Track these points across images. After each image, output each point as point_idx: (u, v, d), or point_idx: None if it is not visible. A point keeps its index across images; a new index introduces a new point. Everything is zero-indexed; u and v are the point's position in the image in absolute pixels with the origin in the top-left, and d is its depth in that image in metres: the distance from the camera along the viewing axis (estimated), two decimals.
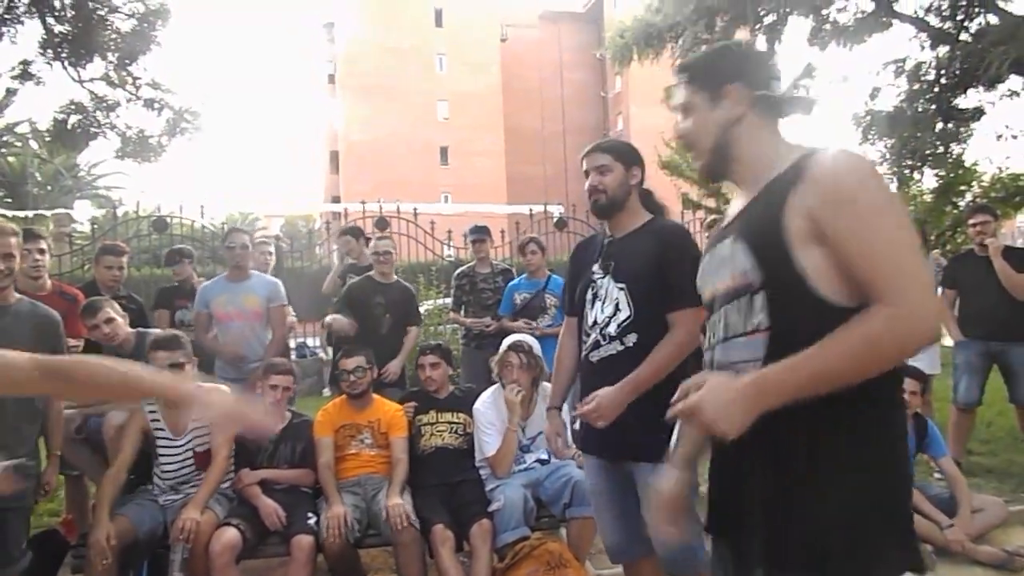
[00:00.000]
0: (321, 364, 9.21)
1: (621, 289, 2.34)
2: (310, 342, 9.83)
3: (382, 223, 9.40)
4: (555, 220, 11.80)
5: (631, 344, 2.30)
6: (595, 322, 2.39)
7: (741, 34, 9.27)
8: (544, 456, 3.52)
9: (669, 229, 2.43)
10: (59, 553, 3.30)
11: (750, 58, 1.52)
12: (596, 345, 2.38)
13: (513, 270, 5.40)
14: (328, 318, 4.50)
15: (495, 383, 3.76)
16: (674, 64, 9.38)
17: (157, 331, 3.96)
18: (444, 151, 37.16)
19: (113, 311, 3.67)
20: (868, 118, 8.28)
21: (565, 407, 2.69)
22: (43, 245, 3.87)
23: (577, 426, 2.56)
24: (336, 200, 31.03)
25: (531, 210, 12.14)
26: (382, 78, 35.13)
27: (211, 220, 12.07)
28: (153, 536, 3.11)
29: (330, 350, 9.01)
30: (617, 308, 2.34)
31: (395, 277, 4.71)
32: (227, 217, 28.97)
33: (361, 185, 29.51)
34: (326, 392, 9.22)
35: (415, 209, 10.72)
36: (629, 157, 2.45)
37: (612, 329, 2.34)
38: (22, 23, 7.39)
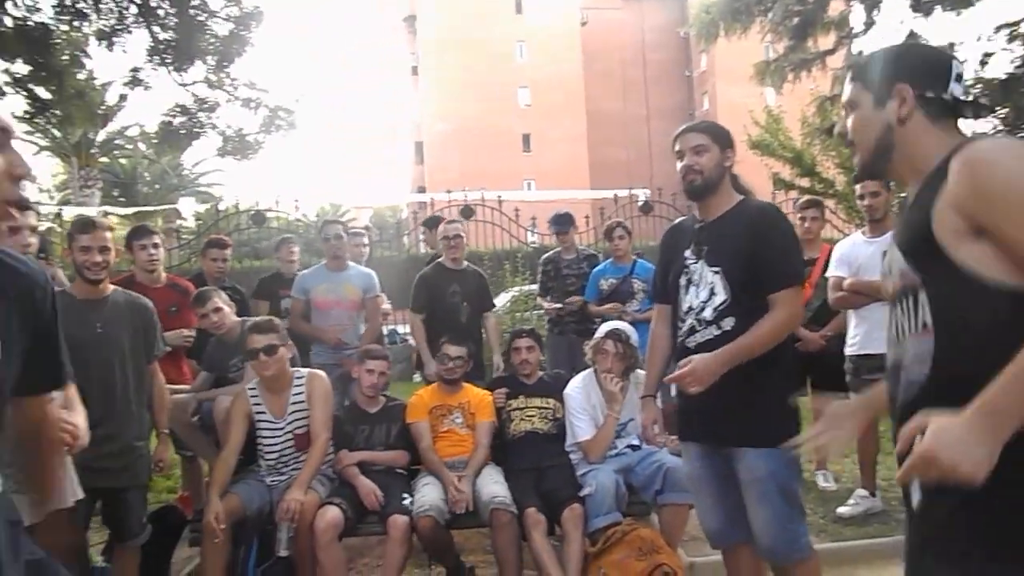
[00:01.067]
0: (411, 351, 9.44)
1: (716, 273, 2.30)
2: (400, 329, 10.08)
3: (467, 211, 9.54)
4: (640, 204, 11.63)
5: (728, 328, 2.26)
6: (690, 308, 2.36)
7: (835, 4, 8.81)
8: (635, 442, 3.50)
9: (762, 209, 2.39)
10: (178, 527, 3.53)
11: (923, 58, 1.47)
12: (692, 331, 2.35)
13: (599, 255, 5.36)
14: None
15: (580, 368, 3.78)
16: (763, 38, 9.07)
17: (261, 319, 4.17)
18: (526, 138, 37.17)
19: (221, 301, 3.89)
20: (979, 87, 7.71)
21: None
22: (157, 240, 4.13)
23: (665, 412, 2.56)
24: (421, 190, 31.63)
25: (615, 195, 12.02)
26: (463, 68, 35.43)
27: (303, 214, 12.54)
28: (261, 514, 3.28)
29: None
30: (712, 292, 2.30)
31: (465, 263, 4.65)
32: (319, 210, 30.05)
33: (445, 174, 29.94)
34: (416, 378, 9.46)
35: (499, 197, 10.80)
36: (724, 139, 2.39)
37: (708, 314, 2.31)
38: (131, 32, 7.89)
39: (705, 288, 2.32)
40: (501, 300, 7.98)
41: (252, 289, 5.06)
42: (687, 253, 2.41)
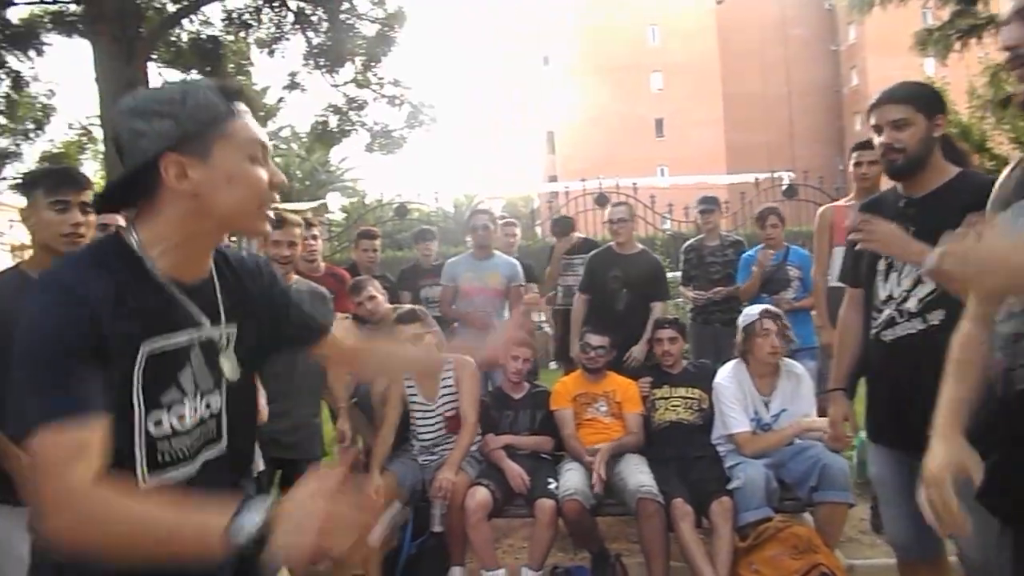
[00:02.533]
0: (547, 338, 9.53)
1: None
2: (536, 317, 10.19)
3: (602, 199, 9.46)
4: (784, 188, 11.04)
5: (936, 322, 2.01)
6: (889, 296, 2.12)
7: None
8: None
9: (985, 184, 2.01)
10: None
11: None
12: (890, 323, 2.12)
13: (744, 241, 5.15)
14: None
15: (726, 359, 3.67)
16: (924, 3, 8.30)
17: (412, 307, 4.37)
18: (659, 123, 36.35)
19: (375, 289, 4.11)
20: None
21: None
22: (316, 232, 4.42)
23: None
24: (553, 179, 31.75)
25: (756, 178, 11.50)
26: (595, 55, 35.14)
27: (440, 206, 12.95)
28: (414, 491, 3.45)
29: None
30: (919, 280, 2.05)
31: (639, 247, 4.58)
32: (455, 201, 30.94)
33: (577, 163, 29.88)
34: (552, 365, 9.55)
35: (634, 184, 10.64)
36: (932, 104, 2.08)
37: (912, 305, 2.06)
38: (288, 39, 8.53)
39: (909, 275, 2.08)
40: None
41: (395, 280, 5.30)
42: None
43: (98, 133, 12.54)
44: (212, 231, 1.21)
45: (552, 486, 3.31)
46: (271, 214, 1.23)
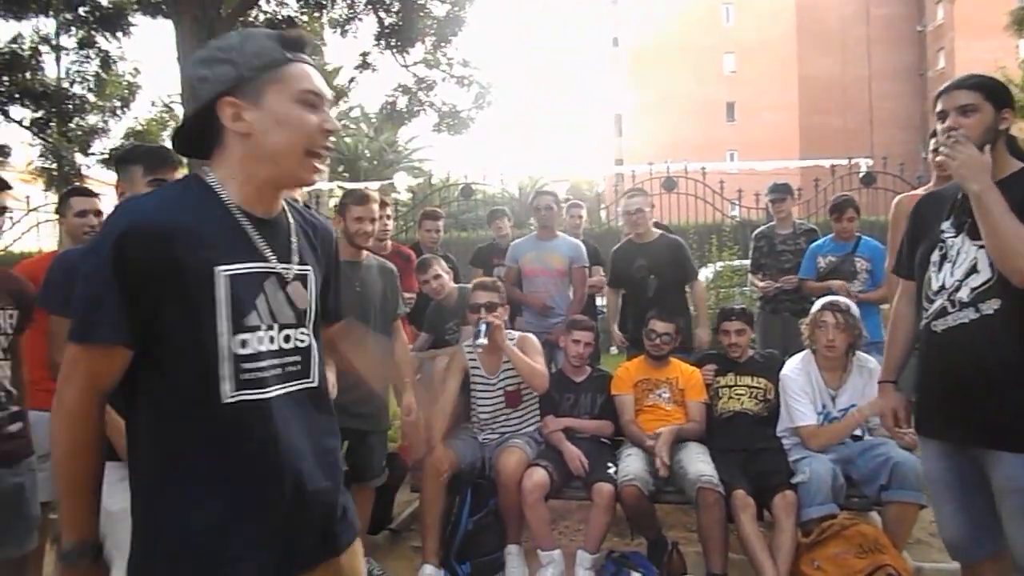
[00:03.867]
0: (607, 323, 9.47)
1: (981, 248, 2.00)
2: (597, 301, 10.14)
3: (670, 184, 9.30)
4: (861, 175, 10.60)
5: (990, 312, 1.98)
6: (942, 287, 2.10)
7: None
8: (857, 431, 3.25)
9: None
10: (401, 474, 3.88)
11: None
12: (942, 313, 2.09)
13: (818, 230, 4.98)
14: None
15: (794, 350, 3.57)
16: None
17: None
18: (730, 107, 35.36)
19: (441, 268, 4.16)
20: None
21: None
22: (389, 211, 4.50)
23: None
24: (619, 163, 31.35)
25: (832, 165, 11.08)
26: (665, 36, 34.36)
27: (504, 188, 12.97)
28: (473, 468, 3.50)
29: None
30: (973, 270, 2.03)
31: (657, 233, 4.53)
32: (520, 184, 30.92)
33: (644, 147, 29.40)
34: (613, 350, 9.49)
35: (703, 168, 10.40)
36: (1001, 96, 2.06)
37: (964, 294, 2.03)
38: (361, 20, 8.64)
39: (963, 265, 2.05)
40: (703, 275, 7.74)
41: (468, 257, 5.37)
42: (945, 225, 2.13)
43: (179, 111, 13.02)
44: (269, 173, 1.27)
45: (611, 470, 3.31)
46: (321, 165, 1.29)
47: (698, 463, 3.22)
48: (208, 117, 1.24)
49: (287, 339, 1.30)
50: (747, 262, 5.52)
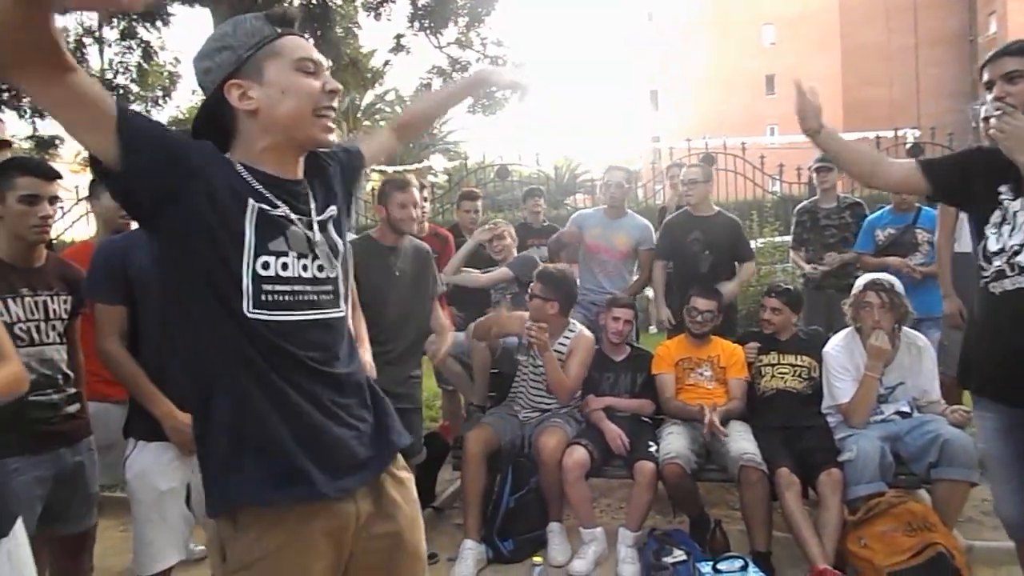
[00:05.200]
0: (647, 302, 9.39)
1: None
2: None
3: (709, 160, 9.11)
4: (909, 146, 10.27)
5: None
6: (1001, 249, 2.07)
7: None
8: (905, 408, 3.19)
9: None
10: (441, 452, 3.93)
11: None
12: (999, 276, 2.07)
13: (863, 204, 4.84)
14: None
15: (838, 327, 3.50)
16: None
17: (529, 254, 4.47)
18: (770, 80, 34.44)
19: (511, 235, 4.37)
20: None
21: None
22: (426, 194, 4.51)
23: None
24: (656, 140, 30.92)
25: (877, 136, 10.74)
26: (701, 9, 33.62)
27: (540, 168, 12.89)
28: (513, 446, 3.53)
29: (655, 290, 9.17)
30: None
31: (716, 209, 4.40)
32: (555, 163, 30.72)
33: (681, 123, 28.97)
34: (652, 330, 9.41)
35: (743, 143, 10.18)
36: None
37: (1023, 259, 2.01)
38: (394, 2, 8.64)
39: (1022, 229, 2.02)
40: None
41: None
42: (1003, 188, 2.08)
43: None
44: (283, 142, 1.34)
45: (652, 449, 3.30)
46: (331, 124, 1.36)
47: (741, 441, 3.19)
48: (220, 110, 1.32)
49: (321, 268, 1.37)
50: (788, 238, 5.41)
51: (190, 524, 2.33)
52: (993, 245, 2.10)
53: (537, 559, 3.12)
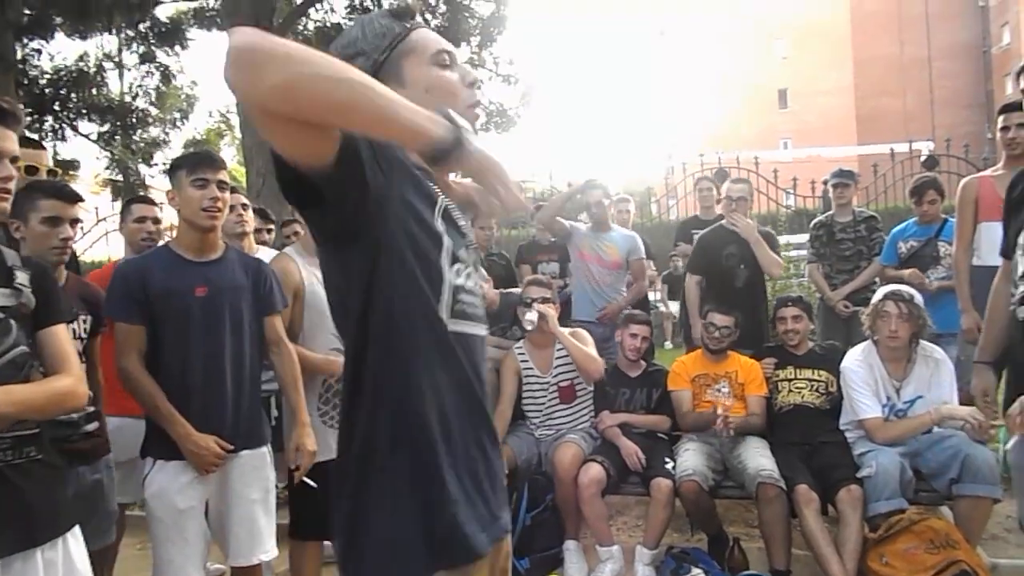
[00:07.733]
0: (662, 317, 9.37)
1: None
2: (651, 296, 10.06)
3: (721, 175, 9.11)
4: (923, 159, 10.22)
5: None
6: None
7: None
8: None
9: None
10: None
11: None
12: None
13: (878, 217, 4.81)
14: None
15: (856, 341, 3.47)
16: None
17: (517, 291, 4.40)
18: (783, 94, 34.46)
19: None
20: None
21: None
22: None
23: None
24: (669, 156, 30.93)
25: (892, 149, 10.70)
26: (714, 24, 33.71)
27: (553, 185, 12.94)
28: (530, 464, 3.52)
29: (672, 304, 9.14)
30: None
31: (753, 222, 4.32)
32: (569, 180, 30.81)
33: (694, 138, 28.94)
34: (667, 345, 9.38)
35: (756, 158, 10.18)
36: None
37: None
38: None
39: None
40: None
41: (514, 256, 5.36)
42: None
43: (235, 121, 13.36)
44: None
45: (669, 466, 3.27)
46: (479, 112, 1.28)
47: (758, 458, 3.16)
48: None
49: (476, 283, 1.28)
50: (803, 252, 5.38)
51: (208, 542, 2.34)
52: (1020, 267, 2.07)
53: None
